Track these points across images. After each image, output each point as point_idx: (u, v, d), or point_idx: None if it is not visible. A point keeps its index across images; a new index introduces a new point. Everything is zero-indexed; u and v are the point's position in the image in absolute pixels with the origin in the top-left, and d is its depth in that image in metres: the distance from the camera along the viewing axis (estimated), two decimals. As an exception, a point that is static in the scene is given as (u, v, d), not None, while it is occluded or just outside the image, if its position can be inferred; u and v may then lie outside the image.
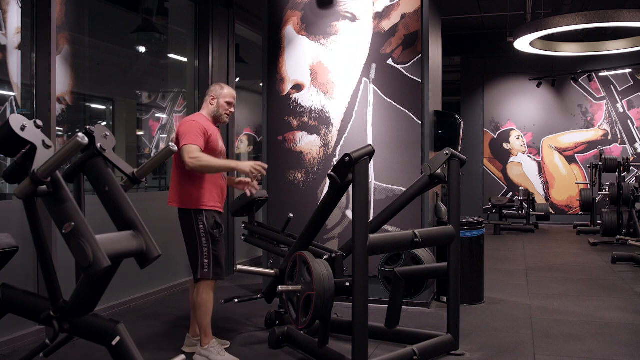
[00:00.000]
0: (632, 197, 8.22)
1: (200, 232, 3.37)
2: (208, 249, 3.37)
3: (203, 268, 3.36)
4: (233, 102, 3.58)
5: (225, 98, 3.54)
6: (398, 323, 3.71)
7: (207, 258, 3.36)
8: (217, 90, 3.57)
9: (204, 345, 3.40)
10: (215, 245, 3.40)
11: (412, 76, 4.68)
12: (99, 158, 2.15)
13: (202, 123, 3.41)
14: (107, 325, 2.10)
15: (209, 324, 3.42)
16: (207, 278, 3.37)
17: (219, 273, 3.42)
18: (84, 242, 1.82)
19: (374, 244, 2.94)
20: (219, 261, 3.41)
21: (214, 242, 3.40)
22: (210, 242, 3.38)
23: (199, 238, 3.37)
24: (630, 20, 7.10)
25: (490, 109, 11.94)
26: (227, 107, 3.54)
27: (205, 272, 3.36)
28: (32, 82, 3.96)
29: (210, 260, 3.37)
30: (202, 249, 3.37)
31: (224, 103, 3.53)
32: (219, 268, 3.41)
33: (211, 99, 3.55)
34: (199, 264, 3.36)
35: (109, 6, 5.62)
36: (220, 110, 3.53)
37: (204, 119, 3.50)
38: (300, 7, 4.97)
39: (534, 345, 3.74)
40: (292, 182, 4.95)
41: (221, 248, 3.45)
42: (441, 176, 3.57)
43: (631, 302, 4.91)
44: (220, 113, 3.53)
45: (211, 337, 3.42)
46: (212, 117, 3.55)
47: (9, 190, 4.13)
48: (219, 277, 3.42)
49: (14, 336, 3.69)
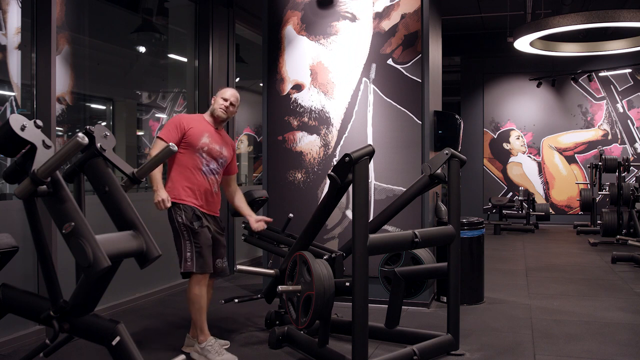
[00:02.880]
0: (632, 197, 8.23)
1: (180, 226, 3.37)
2: (190, 242, 3.36)
3: (186, 262, 3.34)
4: (230, 99, 3.58)
5: (223, 95, 3.60)
6: (398, 323, 3.71)
7: (189, 251, 3.35)
8: (218, 90, 3.69)
9: (200, 343, 3.39)
10: (196, 238, 3.37)
11: (412, 76, 4.67)
12: (99, 158, 2.15)
13: (182, 117, 3.50)
14: (107, 325, 2.10)
15: (204, 321, 3.40)
16: (191, 271, 3.35)
17: (202, 265, 3.37)
18: (84, 242, 1.82)
19: (374, 244, 2.94)
20: (201, 254, 3.37)
21: (194, 234, 3.37)
22: (192, 235, 3.37)
23: (180, 231, 3.38)
24: (630, 20, 7.10)
25: (490, 109, 11.94)
26: (221, 102, 3.57)
27: (188, 265, 3.34)
28: (32, 82, 3.96)
29: (193, 253, 3.35)
30: (185, 242, 3.36)
31: (219, 98, 3.59)
32: (201, 260, 3.36)
33: (213, 99, 3.65)
34: (182, 257, 3.36)
35: (109, 6, 5.62)
36: (215, 105, 3.58)
37: (197, 116, 3.61)
38: (300, 7, 4.97)
39: (534, 345, 3.74)
40: (292, 182, 4.95)
41: (204, 241, 3.40)
42: (441, 176, 3.57)
43: (631, 302, 4.91)
44: (214, 108, 3.57)
45: (208, 334, 3.41)
46: (211, 115, 3.60)
47: (9, 190, 4.13)
48: (203, 270, 3.37)
49: (14, 336, 3.69)
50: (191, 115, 3.64)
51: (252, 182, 8.68)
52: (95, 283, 2.03)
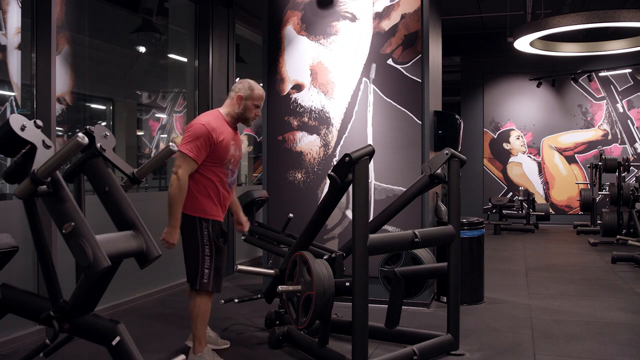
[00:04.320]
0: (632, 197, 8.23)
1: (205, 241, 3.21)
2: (210, 259, 3.22)
3: (202, 278, 3.20)
4: (261, 105, 3.37)
5: (255, 101, 3.29)
6: (398, 323, 3.71)
7: (208, 268, 3.21)
8: (246, 90, 3.29)
9: (197, 353, 3.28)
10: (218, 255, 3.26)
11: (412, 76, 4.67)
12: (99, 158, 2.15)
13: (210, 126, 3.15)
14: (107, 325, 2.10)
15: (204, 334, 3.31)
16: (206, 290, 3.23)
17: (218, 284, 3.27)
18: (84, 242, 1.83)
19: (374, 244, 2.94)
20: (219, 272, 3.27)
21: (217, 251, 3.25)
22: (214, 252, 3.24)
23: (202, 246, 3.20)
24: (630, 20, 7.10)
25: (490, 109, 11.94)
26: (255, 111, 3.32)
27: (204, 283, 3.20)
28: (32, 82, 3.96)
29: (211, 271, 3.22)
30: (205, 257, 3.20)
31: (252, 105, 3.30)
32: (218, 279, 3.27)
33: (238, 98, 3.29)
34: (199, 273, 3.20)
35: (109, 6, 5.62)
36: (247, 113, 3.30)
37: (218, 119, 3.26)
38: (300, 7, 4.97)
39: (534, 345, 3.74)
40: (292, 182, 4.95)
41: (223, 258, 3.30)
42: (441, 176, 3.57)
43: (631, 302, 4.91)
44: (246, 116, 3.30)
45: (205, 345, 3.31)
46: (234, 117, 3.32)
47: (9, 190, 4.13)
48: (217, 290, 3.27)
49: (14, 336, 3.69)
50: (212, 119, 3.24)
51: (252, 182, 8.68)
52: (95, 283, 2.03)
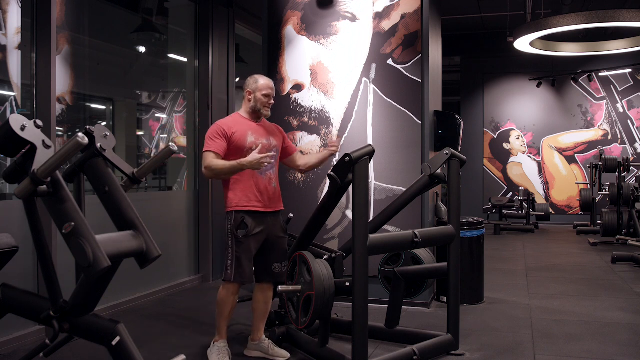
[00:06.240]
0: (632, 197, 8.22)
1: (228, 233, 3.33)
2: (232, 250, 3.31)
3: (227, 269, 3.30)
4: (271, 94, 3.42)
5: (262, 91, 3.39)
6: (398, 323, 3.71)
7: (230, 259, 3.30)
8: (251, 84, 3.42)
9: (214, 342, 3.40)
10: (239, 247, 3.30)
11: (412, 76, 4.67)
12: (99, 158, 2.15)
13: (222, 123, 3.34)
14: (107, 325, 2.10)
15: (223, 323, 3.39)
16: (229, 280, 3.31)
17: (242, 274, 3.30)
18: (84, 242, 1.83)
19: (374, 244, 2.94)
20: (241, 263, 3.30)
21: (237, 243, 3.30)
22: (235, 244, 3.30)
23: (227, 239, 3.34)
24: (630, 20, 7.10)
25: (490, 109, 11.94)
26: (265, 101, 3.40)
27: (227, 274, 3.29)
28: (32, 82, 3.96)
29: (233, 261, 3.29)
30: (227, 249, 3.32)
31: (261, 97, 3.39)
32: (241, 269, 3.30)
33: (248, 94, 3.43)
34: (224, 264, 3.33)
35: (109, 6, 5.62)
36: (259, 105, 3.40)
37: (234, 118, 3.44)
38: (300, 7, 4.97)
39: (534, 345, 3.74)
40: (292, 182, 4.95)
41: (245, 250, 3.30)
42: (441, 176, 3.57)
43: (631, 302, 4.91)
44: (259, 108, 3.40)
45: (224, 336, 3.40)
46: (251, 113, 3.44)
47: (9, 190, 4.13)
48: (241, 281, 3.32)
49: (14, 336, 3.69)
50: (227, 118, 3.47)
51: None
52: (95, 283, 2.03)
